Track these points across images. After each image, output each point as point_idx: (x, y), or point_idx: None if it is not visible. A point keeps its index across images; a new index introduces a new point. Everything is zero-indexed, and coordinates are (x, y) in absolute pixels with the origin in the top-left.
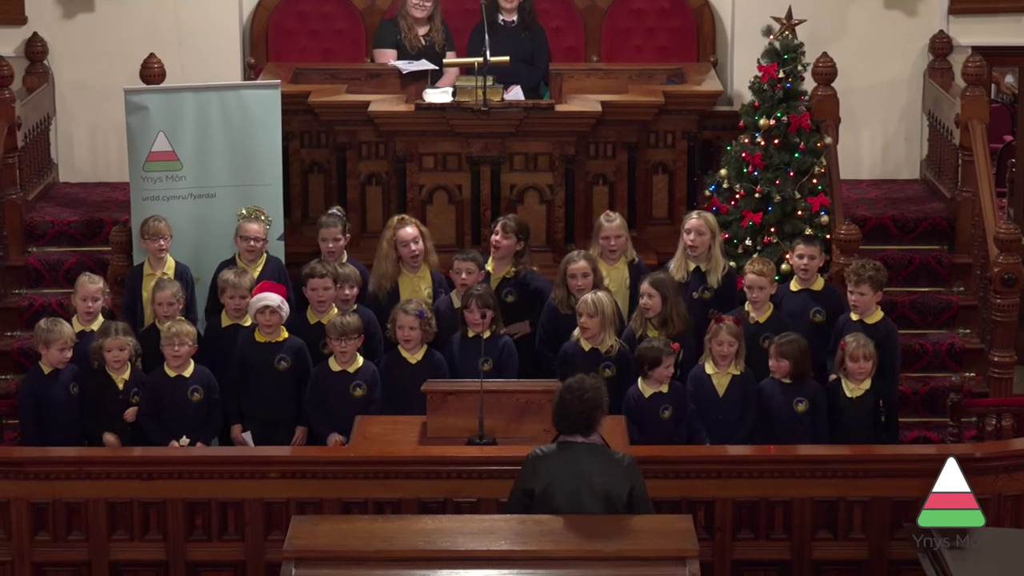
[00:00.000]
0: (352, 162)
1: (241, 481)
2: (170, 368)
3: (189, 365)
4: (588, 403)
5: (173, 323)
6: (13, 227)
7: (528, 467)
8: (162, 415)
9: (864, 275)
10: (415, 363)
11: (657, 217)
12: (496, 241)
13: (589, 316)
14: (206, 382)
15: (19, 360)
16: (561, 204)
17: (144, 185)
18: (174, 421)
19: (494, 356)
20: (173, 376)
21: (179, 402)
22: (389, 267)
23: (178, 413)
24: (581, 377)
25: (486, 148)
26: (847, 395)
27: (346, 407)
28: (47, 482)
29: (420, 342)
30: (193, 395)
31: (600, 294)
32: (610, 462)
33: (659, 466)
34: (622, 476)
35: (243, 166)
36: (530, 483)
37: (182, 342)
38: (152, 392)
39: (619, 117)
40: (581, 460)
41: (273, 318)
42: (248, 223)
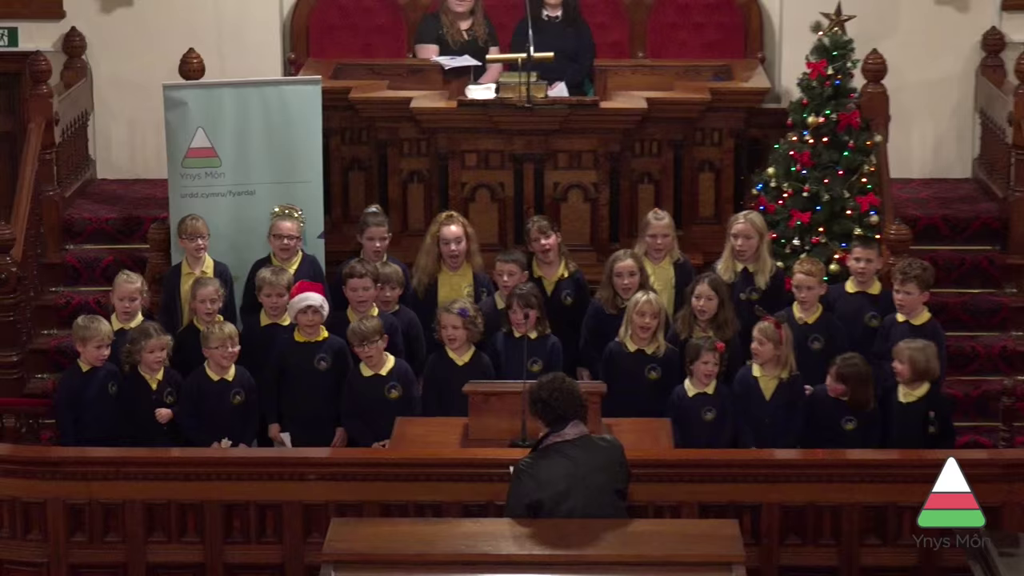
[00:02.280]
0: (393, 159)
1: (280, 483)
2: (213, 371)
3: (232, 367)
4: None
5: (223, 324)
6: (50, 224)
7: (524, 480)
8: (202, 417)
9: (910, 274)
10: (462, 365)
11: (703, 216)
12: (542, 245)
13: (653, 316)
14: (247, 384)
15: (56, 359)
16: (605, 203)
17: (183, 182)
18: (215, 423)
19: (543, 356)
20: (216, 379)
21: (221, 405)
22: (429, 263)
23: (220, 416)
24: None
25: (529, 145)
26: (900, 400)
27: (384, 410)
28: (84, 482)
29: (466, 342)
30: (235, 398)
31: (655, 296)
32: (604, 449)
33: (705, 469)
34: (617, 459)
35: (283, 163)
36: (533, 495)
37: (235, 343)
38: (194, 394)
39: (665, 114)
40: (580, 457)
41: (315, 318)
42: (281, 221)
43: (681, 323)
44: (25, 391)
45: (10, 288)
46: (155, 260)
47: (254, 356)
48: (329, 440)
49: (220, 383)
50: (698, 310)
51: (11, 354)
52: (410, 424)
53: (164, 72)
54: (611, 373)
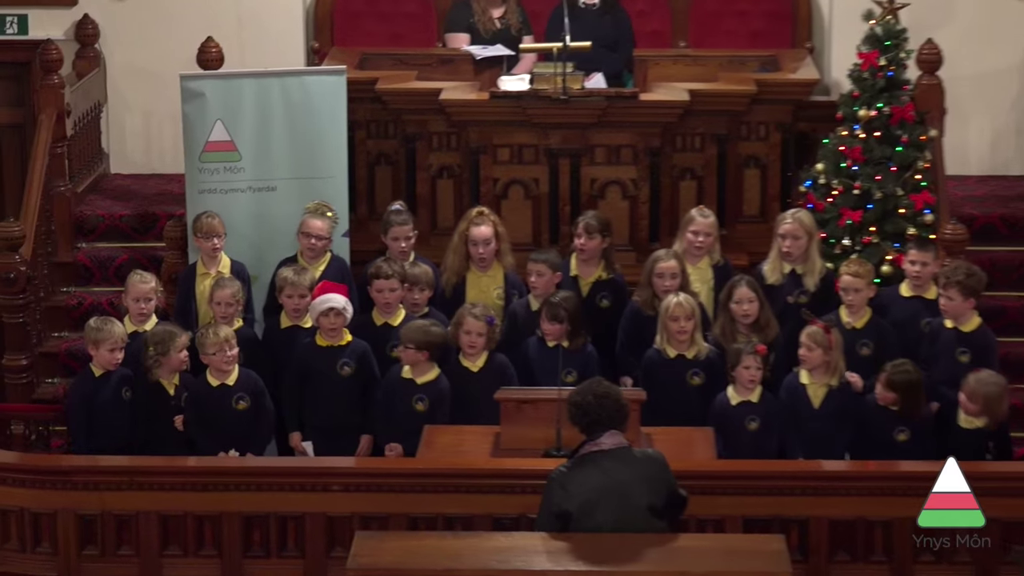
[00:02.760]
0: (422, 154)
1: (302, 494)
2: (213, 376)
3: (233, 371)
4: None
5: (217, 328)
6: (62, 221)
7: (555, 488)
8: (207, 425)
9: (952, 279)
10: (477, 371)
11: (748, 214)
12: (580, 244)
13: (687, 319)
14: (252, 388)
15: (66, 363)
16: (645, 200)
17: (200, 177)
18: (220, 432)
19: (577, 367)
20: (216, 385)
21: (223, 412)
22: (457, 262)
23: (223, 424)
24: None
25: (565, 139)
26: (961, 424)
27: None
28: (96, 493)
29: (483, 350)
30: (238, 404)
31: (689, 297)
32: (644, 463)
33: (749, 482)
34: (658, 475)
35: (306, 158)
36: (564, 505)
37: (232, 346)
38: (194, 402)
39: (708, 107)
40: (615, 469)
41: (337, 321)
42: (312, 219)
43: (720, 332)
44: (34, 396)
45: (19, 288)
46: (171, 259)
47: (274, 360)
48: (353, 449)
49: (220, 389)
50: (741, 315)
51: (20, 357)
52: (439, 432)
53: (181, 62)
54: (651, 380)
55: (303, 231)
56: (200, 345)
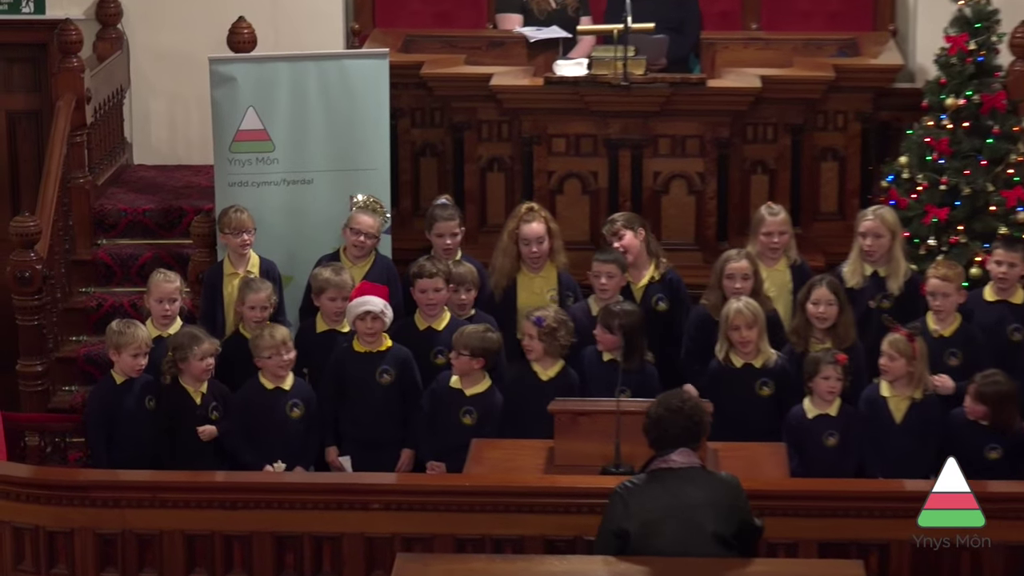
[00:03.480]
0: (471, 144)
1: (338, 512)
2: (268, 379)
3: (288, 375)
4: (691, 413)
5: (273, 328)
6: (80, 216)
7: (616, 504)
8: (254, 434)
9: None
10: (546, 380)
11: (825, 212)
12: (622, 245)
13: (748, 327)
14: (307, 396)
15: (85, 369)
16: (713, 195)
17: (231, 168)
18: (269, 441)
19: (633, 386)
20: (271, 388)
21: (276, 419)
22: (507, 263)
23: (274, 432)
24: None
25: (626, 129)
26: None
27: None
28: (117, 510)
29: (544, 355)
30: (293, 411)
31: (752, 302)
32: (715, 487)
33: (825, 502)
34: (731, 501)
35: (345, 148)
36: (623, 523)
37: (289, 348)
38: (243, 407)
39: (782, 95)
40: (682, 490)
41: (375, 325)
42: (361, 214)
43: (795, 335)
44: (50, 405)
45: (35, 288)
46: (198, 257)
47: (308, 366)
48: (394, 464)
49: (275, 393)
50: (817, 317)
51: (35, 363)
52: (488, 447)
53: (210, 44)
54: (717, 391)
55: (351, 227)
56: (254, 347)
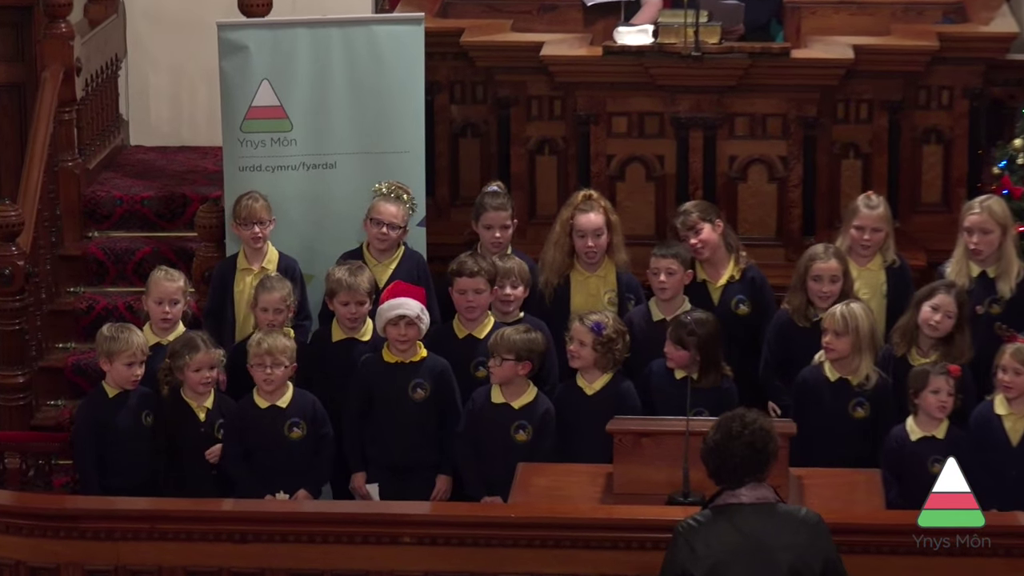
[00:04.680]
0: (518, 123)
1: (364, 547)
2: (261, 396)
3: (286, 391)
4: (753, 440)
5: (264, 336)
6: (69, 204)
7: (680, 546)
8: (252, 458)
9: None
10: (591, 394)
11: (927, 202)
12: (696, 242)
13: (836, 334)
14: (310, 413)
15: (74, 380)
16: (797, 183)
17: (242, 151)
18: (268, 467)
19: (710, 406)
20: (265, 407)
21: (273, 441)
22: (559, 258)
23: (272, 456)
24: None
25: (698, 107)
26: None
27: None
28: (109, 543)
29: (592, 365)
30: (292, 431)
31: (855, 306)
32: (794, 525)
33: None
34: (812, 542)
35: (373, 127)
36: (687, 566)
37: (276, 362)
38: (236, 427)
39: (877, 67)
40: (755, 527)
41: (410, 332)
42: (385, 203)
43: (899, 337)
44: (33, 422)
45: (16, 287)
46: (204, 252)
47: (322, 380)
48: (427, 492)
49: (270, 411)
50: (930, 325)
51: (16, 374)
52: (536, 472)
53: (219, 8)
54: (804, 408)
55: (373, 217)
56: (246, 354)
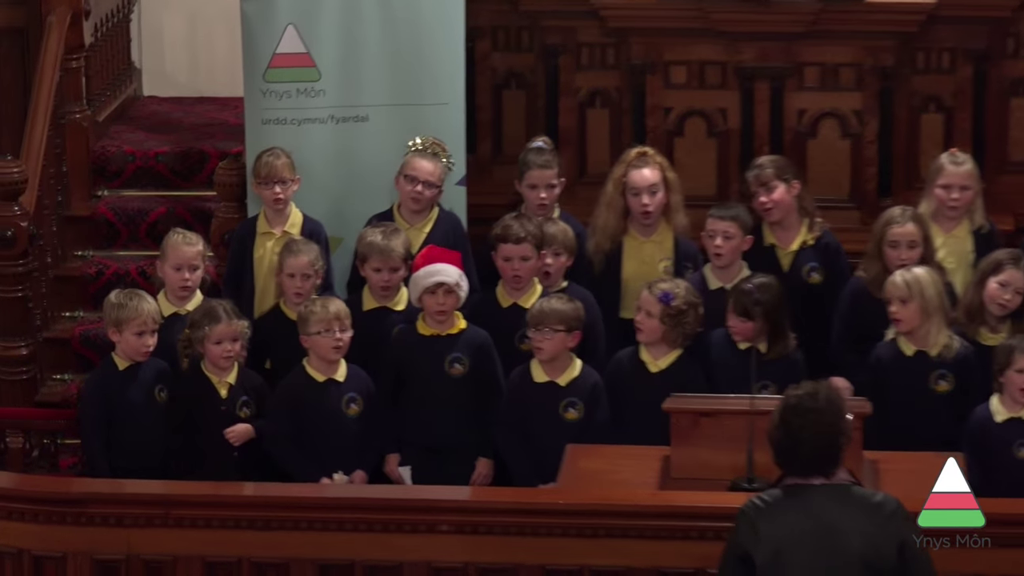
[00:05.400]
0: (567, 73)
1: (398, 535)
2: (316, 368)
3: (341, 365)
4: (826, 425)
5: (327, 300)
6: (77, 160)
7: (742, 527)
8: (303, 438)
9: None
10: (655, 372)
11: (1015, 161)
12: (767, 201)
13: (901, 302)
14: (366, 388)
15: (82, 352)
16: (873, 139)
17: (265, 102)
18: (322, 446)
19: (777, 380)
20: (322, 380)
21: (330, 419)
22: (612, 220)
23: (330, 435)
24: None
25: (764, 55)
26: None
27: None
28: (120, 529)
29: (659, 339)
30: (349, 407)
31: (917, 270)
32: (868, 509)
33: (1013, 528)
34: (887, 527)
35: (408, 77)
36: (749, 548)
37: (344, 326)
38: (289, 402)
39: (961, 12)
40: (825, 511)
41: (448, 300)
42: (419, 159)
43: (964, 316)
44: (38, 398)
45: (19, 251)
46: (224, 213)
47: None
48: (466, 476)
49: (327, 386)
50: (998, 304)
51: (19, 344)
52: (586, 454)
53: None
54: (880, 385)
55: (406, 174)
56: (301, 322)
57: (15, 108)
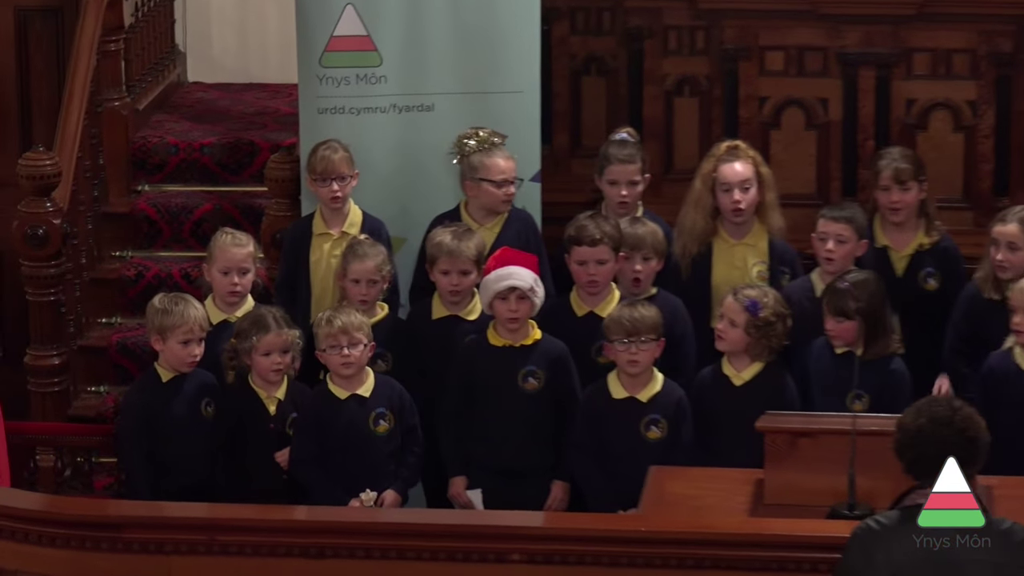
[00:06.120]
0: (652, 58)
1: (465, 565)
2: (337, 383)
3: (367, 377)
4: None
5: (333, 312)
6: (115, 152)
7: (855, 551)
8: (329, 459)
9: None
10: (739, 385)
11: None
12: (892, 200)
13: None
14: (396, 402)
15: (119, 362)
16: (989, 133)
17: (321, 89)
18: (348, 467)
19: (873, 389)
20: (344, 396)
21: (356, 437)
22: (700, 220)
23: (354, 454)
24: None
25: (869, 40)
26: None
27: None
28: (160, 557)
29: (742, 350)
30: (377, 425)
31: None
32: (996, 537)
33: None
34: (1018, 558)
35: (478, 62)
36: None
37: (353, 340)
38: (311, 420)
39: None
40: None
41: (522, 307)
42: (494, 158)
43: None
44: (71, 412)
45: (52, 251)
46: (275, 211)
47: (423, 364)
48: (540, 500)
49: (351, 403)
50: None
51: (51, 354)
52: (671, 477)
53: None
54: (993, 399)
55: (488, 178)
56: (315, 337)
57: (49, 95)
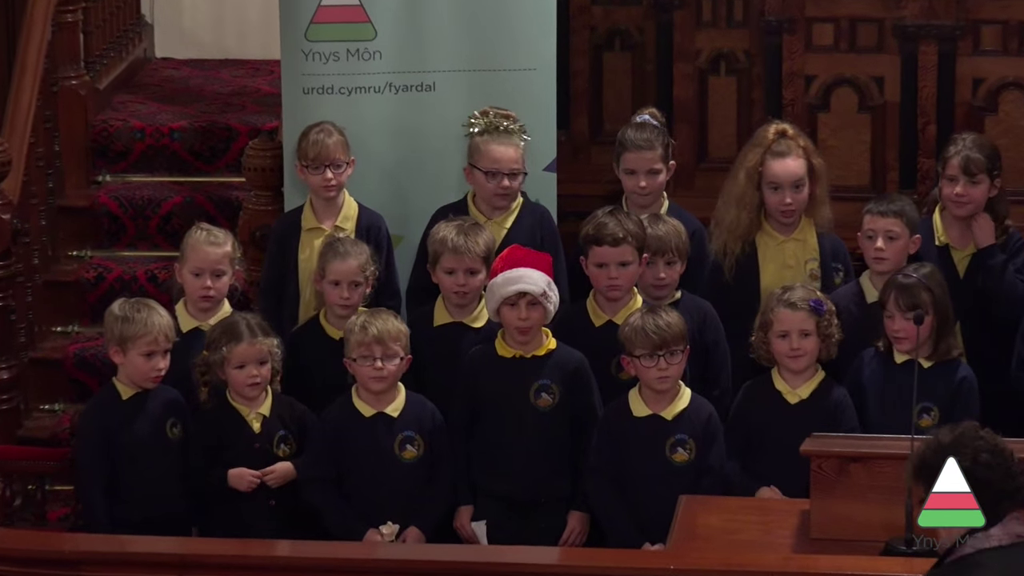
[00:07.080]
0: (684, 32)
1: None
2: (363, 399)
3: (398, 395)
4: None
5: (371, 316)
6: (72, 137)
7: None
8: (346, 485)
9: None
10: (794, 403)
11: None
12: (958, 193)
13: None
14: (428, 425)
15: (78, 377)
16: None
17: (306, 66)
18: (365, 493)
19: (941, 402)
20: (370, 415)
21: (379, 462)
22: (743, 218)
23: (377, 481)
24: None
25: (929, 12)
26: None
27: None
28: None
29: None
30: (404, 449)
31: None
32: None
33: None
34: None
35: (485, 36)
36: None
37: (389, 352)
38: (330, 436)
39: None
40: None
41: (533, 314)
42: (494, 144)
43: None
44: (22, 433)
45: (0, 250)
46: (255, 204)
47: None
48: (555, 533)
49: (377, 422)
50: None
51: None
52: (704, 507)
53: None
54: None
55: (482, 167)
56: (344, 342)
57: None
